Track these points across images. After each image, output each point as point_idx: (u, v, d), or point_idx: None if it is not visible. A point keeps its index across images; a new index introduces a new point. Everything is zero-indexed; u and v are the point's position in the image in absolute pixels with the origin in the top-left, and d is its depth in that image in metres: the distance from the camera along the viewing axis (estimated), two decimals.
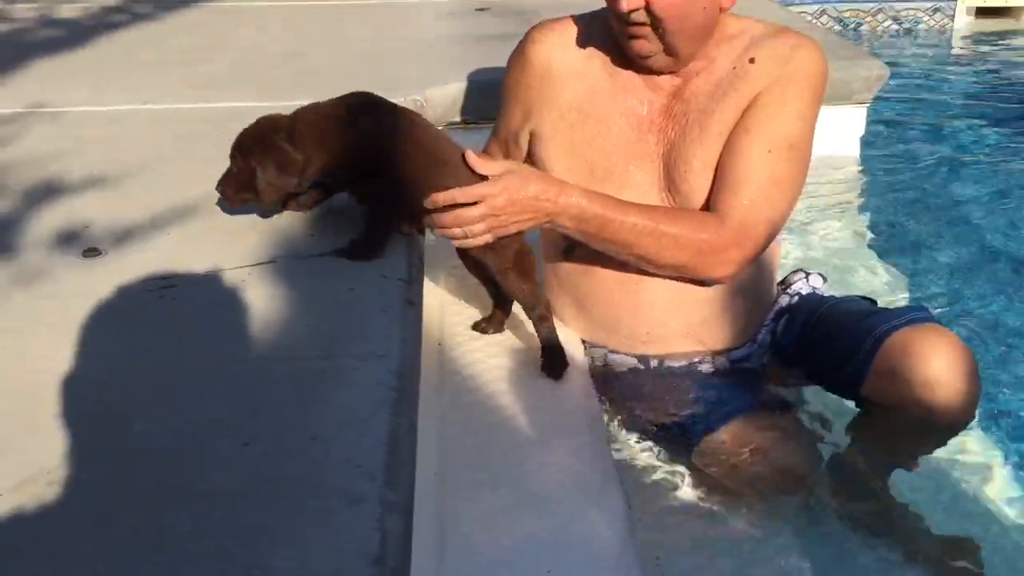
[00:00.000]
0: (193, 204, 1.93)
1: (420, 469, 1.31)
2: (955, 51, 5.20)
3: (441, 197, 1.55)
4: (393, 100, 2.62)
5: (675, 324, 1.77)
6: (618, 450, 1.74)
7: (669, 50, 1.66)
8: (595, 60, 1.77)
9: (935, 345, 1.57)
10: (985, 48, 5.16)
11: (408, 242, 1.78)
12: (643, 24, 1.61)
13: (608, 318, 1.80)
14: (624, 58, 1.73)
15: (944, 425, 1.62)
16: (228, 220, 1.86)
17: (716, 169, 1.68)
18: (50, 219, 1.87)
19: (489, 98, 2.79)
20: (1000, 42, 5.22)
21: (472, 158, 1.57)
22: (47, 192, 1.99)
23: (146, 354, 1.42)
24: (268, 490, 1.14)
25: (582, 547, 1.36)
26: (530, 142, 1.83)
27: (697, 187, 1.70)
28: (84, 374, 1.36)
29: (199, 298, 1.58)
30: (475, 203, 1.54)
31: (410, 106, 2.58)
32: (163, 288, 1.60)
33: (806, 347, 1.80)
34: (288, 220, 1.86)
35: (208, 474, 1.16)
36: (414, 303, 1.59)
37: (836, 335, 1.73)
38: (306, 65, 3.12)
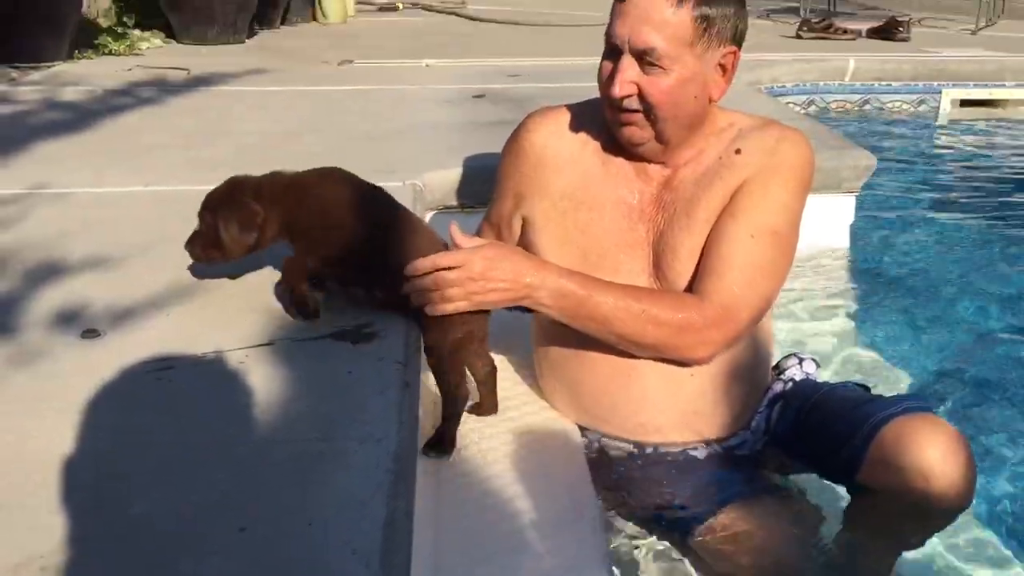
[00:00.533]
0: (193, 285, 1.95)
1: (415, 554, 1.31)
2: (941, 141, 5.32)
3: (422, 263, 1.58)
4: (391, 184, 2.69)
5: (670, 414, 1.78)
6: (612, 537, 1.73)
7: (660, 137, 1.70)
8: (588, 148, 1.81)
9: (930, 434, 1.58)
10: (970, 138, 5.29)
11: (405, 325, 1.80)
12: (635, 111, 1.66)
13: (601, 406, 1.81)
14: (616, 147, 1.77)
15: (940, 512, 1.62)
16: (227, 301, 1.88)
17: (700, 255, 1.71)
18: (51, 299, 1.88)
19: (486, 183, 2.84)
20: (985, 132, 5.34)
21: (456, 233, 1.63)
22: (48, 272, 2.01)
23: (145, 435, 1.42)
24: (266, 575, 1.13)
25: None
26: (523, 228, 1.86)
27: (683, 272, 1.73)
28: (82, 455, 1.36)
29: (198, 379, 1.59)
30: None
31: (408, 190, 2.64)
32: (162, 369, 1.60)
33: (801, 434, 1.81)
34: (287, 300, 1.87)
35: (206, 559, 1.15)
36: (411, 385, 1.60)
37: (831, 422, 1.74)
38: (305, 148, 3.18)
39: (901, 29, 6.45)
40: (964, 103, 5.52)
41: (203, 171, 2.84)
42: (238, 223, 1.72)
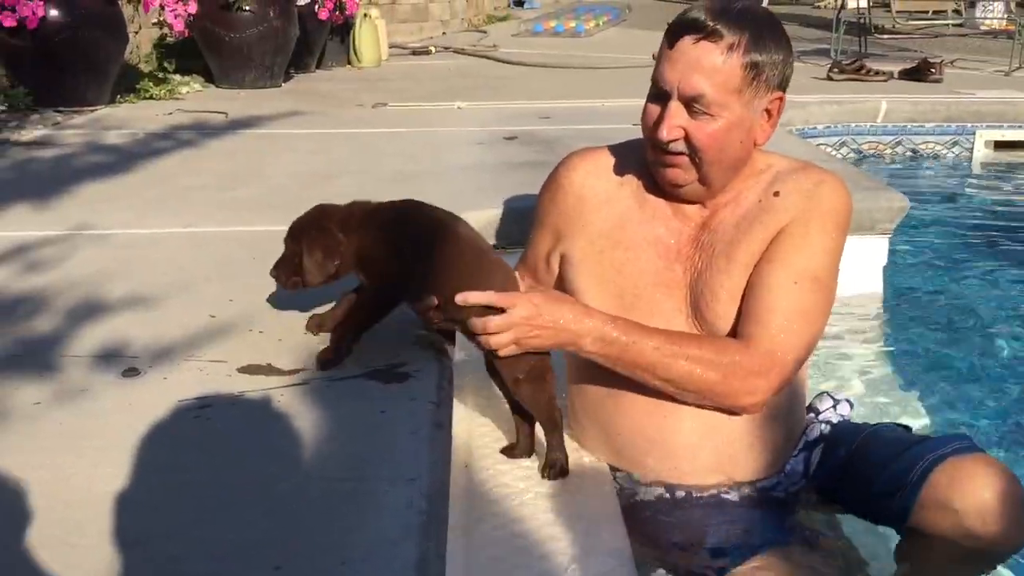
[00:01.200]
0: (230, 324, 1.98)
1: None
2: (974, 182, 5.29)
3: (474, 297, 1.59)
4: None
5: (705, 457, 1.77)
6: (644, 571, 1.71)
7: (703, 180, 1.71)
8: (626, 188, 1.81)
9: (984, 475, 1.57)
10: (1003, 180, 5.25)
11: (438, 365, 1.81)
12: (681, 154, 1.67)
13: (635, 449, 1.80)
14: (655, 187, 1.78)
15: (996, 553, 1.60)
16: (263, 341, 1.91)
17: (742, 299, 1.71)
18: (92, 338, 1.92)
19: (518, 223, 2.88)
20: (1018, 174, 5.30)
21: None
22: (90, 311, 2.05)
23: (183, 473, 1.44)
24: None
25: None
26: (560, 266, 1.87)
27: (723, 315, 1.73)
28: (121, 493, 1.38)
29: (234, 418, 1.61)
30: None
31: None
32: (200, 408, 1.63)
33: (845, 477, 1.78)
34: (322, 340, 1.90)
35: None
36: (443, 426, 1.61)
37: (880, 465, 1.72)
38: (339, 189, 3.23)
39: (934, 71, 6.44)
40: (998, 145, 5.49)
41: (240, 212, 2.90)
42: (321, 250, 1.76)
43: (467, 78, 6.62)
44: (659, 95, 1.66)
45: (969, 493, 1.56)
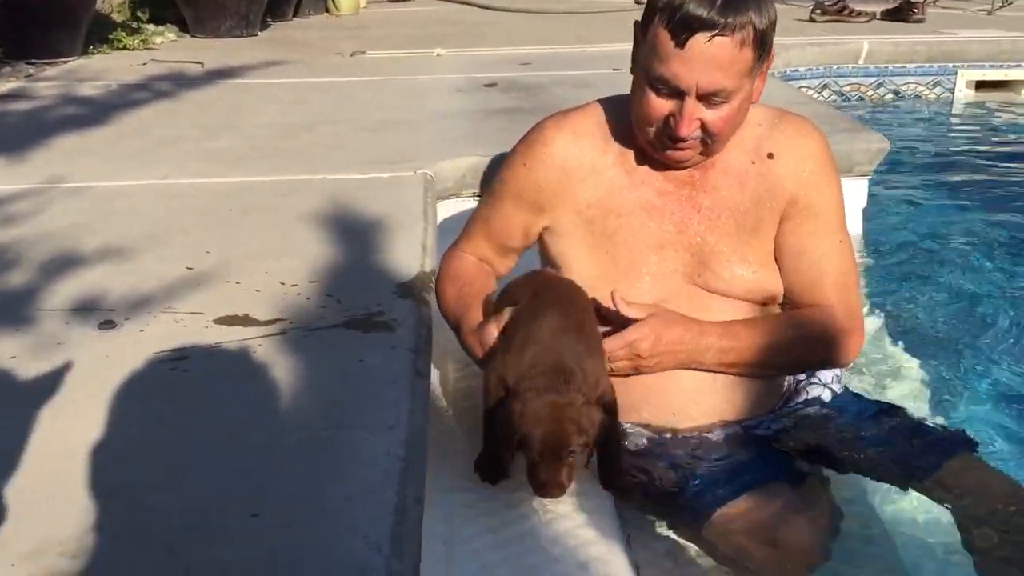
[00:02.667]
0: (207, 276, 1.97)
1: (427, 539, 1.32)
2: (956, 123, 5.28)
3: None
4: (403, 173, 2.71)
5: (704, 403, 1.78)
6: (628, 516, 1.73)
7: (707, 153, 1.70)
8: (609, 155, 1.78)
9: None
10: (986, 120, 5.24)
11: (417, 313, 1.81)
12: (694, 139, 1.65)
13: (634, 398, 1.81)
14: (638, 151, 1.76)
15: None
16: (240, 292, 1.90)
17: (788, 271, 1.76)
18: (68, 291, 1.91)
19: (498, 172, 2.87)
20: (1000, 114, 5.30)
21: (620, 303, 1.63)
22: (66, 265, 2.04)
23: (160, 425, 1.44)
24: (277, 563, 1.15)
25: None
26: (543, 236, 1.84)
27: (735, 277, 1.75)
28: (99, 445, 1.38)
29: (212, 369, 1.61)
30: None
31: (419, 180, 2.65)
32: (177, 359, 1.63)
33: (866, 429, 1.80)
34: (299, 289, 1.89)
35: (219, 546, 1.18)
36: (423, 373, 1.62)
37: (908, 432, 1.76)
38: (317, 139, 3.20)
39: (916, 11, 6.39)
40: (980, 85, 5.47)
41: (217, 163, 2.87)
42: None
43: (446, 25, 6.53)
44: (671, 92, 1.61)
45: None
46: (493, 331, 1.60)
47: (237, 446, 1.38)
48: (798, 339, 1.74)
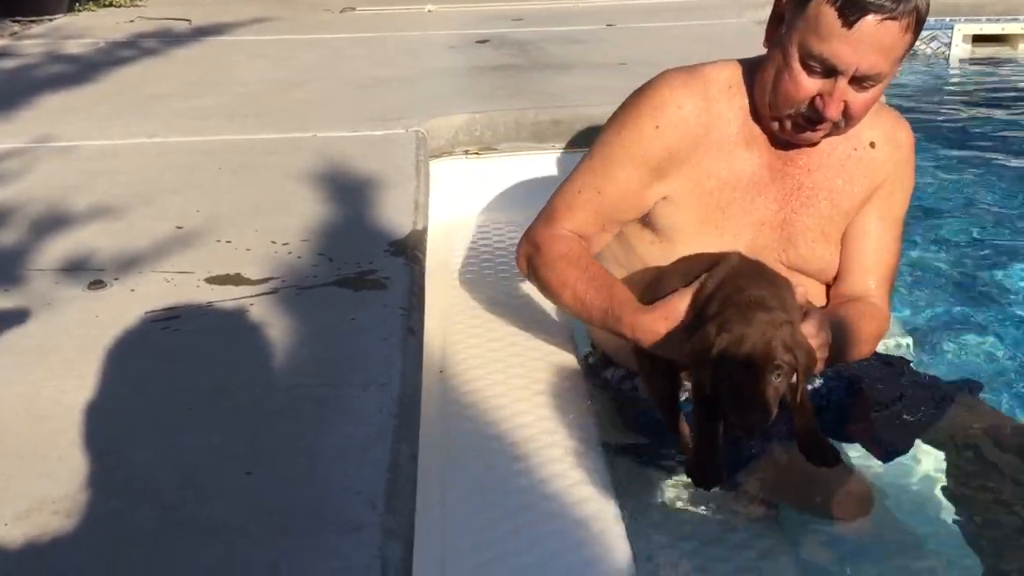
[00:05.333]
0: (197, 235, 1.95)
1: (422, 496, 1.32)
2: (952, 77, 5.24)
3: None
4: (395, 131, 2.68)
5: None
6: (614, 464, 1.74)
7: (834, 134, 1.66)
8: (734, 124, 1.71)
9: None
10: (982, 74, 5.20)
11: (409, 271, 1.80)
12: (830, 121, 1.60)
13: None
14: (759, 122, 1.70)
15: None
16: (231, 251, 1.89)
17: (849, 251, 1.77)
18: (57, 251, 1.89)
19: (493, 127, 2.84)
20: (997, 69, 5.26)
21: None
22: (54, 225, 2.02)
23: (150, 384, 1.44)
24: (269, 520, 1.15)
25: (580, 567, 1.37)
26: (657, 205, 1.74)
27: (817, 255, 1.75)
28: (90, 404, 1.38)
29: (203, 328, 1.60)
30: None
31: (411, 137, 2.62)
32: (168, 319, 1.62)
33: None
34: (290, 248, 1.88)
35: (212, 503, 1.18)
36: (415, 331, 1.61)
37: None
38: (305, 95, 3.16)
39: None
40: (976, 39, 5.42)
41: (205, 121, 2.84)
42: None
43: None
44: (825, 71, 1.55)
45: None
46: (680, 305, 1.54)
47: (229, 404, 1.38)
48: (870, 341, 1.76)
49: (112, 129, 2.77)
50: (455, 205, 2.64)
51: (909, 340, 2.26)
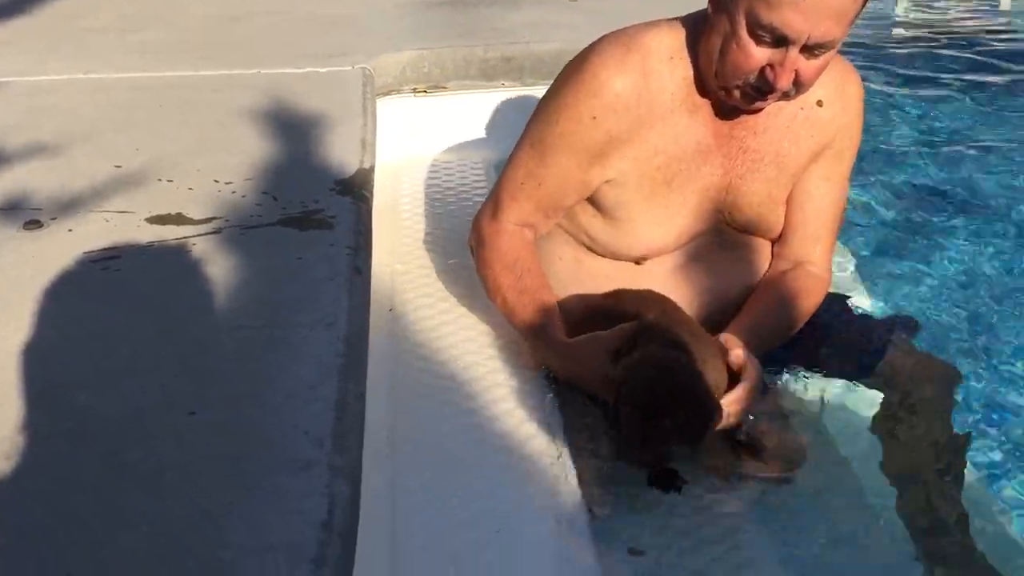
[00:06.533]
0: (137, 174, 1.91)
1: (371, 434, 1.33)
2: (898, 20, 5.27)
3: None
4: (341, 68, 2.63)
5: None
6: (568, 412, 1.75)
7: (784, 100, 1.61)
8: (677, 97, 1.64)
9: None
10: (929, 8, 5.23)
11: (355, 210, 1.78)
12: (785, 91, 1.55)
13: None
14: (703, 90, 1.64)
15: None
16: (172, 190, 1.85)
17: (793, 212, 1.74)
18: None
19: (441, 65, 2.80)
20: (942, 9, 5.29)
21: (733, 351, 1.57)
22: None
23: (92, 325, 1.41)
24: (215, 461, 1.14)
25: (530, 504, 1.39)
26: (599, 189, 1.68)
27: (761, 216, 1.73)
28: (29, 346, 1.35)
29: (144, 268, 1.57)
30: None
31: (357, 75, 2.58)
32: (108, 259, 1.58)
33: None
34: (234, 187, 1.85)
35: (156, 445, 1.16)
36: (362, 271, 1.60)
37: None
38: (249, 31, 3.08)
39: None
40: None
41: (145, 56, 2.76)
42: None
43: None
44: (775, 41, 1.49)
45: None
46: (596, 350, 1.55)
47: (173, 345, 1.36)
48: (806, 313, 1.74)
49: (47, 64, 2.67)
50: (403, 144, 2.60)
51: (850, 275, 2.30)
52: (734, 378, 1.54)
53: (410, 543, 1.32)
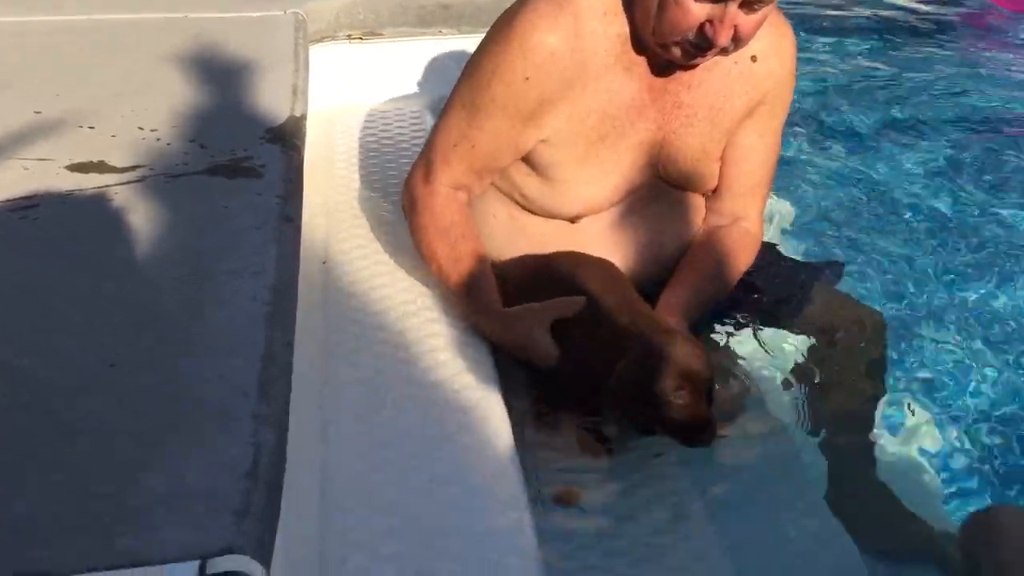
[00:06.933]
0: (57, 121, 1.84)
1: (302, 386, 1.31)
2: None
3: None
4: (272, 13, 2.56)
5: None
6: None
7: (723, 55, 1.58)
8: (611, 54, 1.61)
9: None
10: None
11: (285, 159, 1.74)
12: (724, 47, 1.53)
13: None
14: (638, 46, 1.61)
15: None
16: (95, 137, 1.79)
17: (727, 167, 1.75)
18: None
19: (374, 11, 2.74)
20: None
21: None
22: None
23: (8, 276, 1.36)
24: (140, 413, 1.12)
25: (463, 453, 1.38)
26: (536, 149, 1.66)
27: (696, 171, 1.72)
28: None
29: (65, 217, 1.52)
30: None
31: (289, 20, 2.51)
32: (27, 208, 1.53)
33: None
34: (159, 134, 1.79)
35: (77, 396, 1.13)
36: (291, 219, 1.56)
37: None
38: None
39: None
40: None
41: None
42: None
43: None
44: None
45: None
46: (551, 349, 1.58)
47: (92, 295, 1.32)
48: (739, 272, 1.77)
49: None
50: (338, 93, 2.54)
51: (776, 224, 2.32)
52: None
53: (340, 494, 1.31)
